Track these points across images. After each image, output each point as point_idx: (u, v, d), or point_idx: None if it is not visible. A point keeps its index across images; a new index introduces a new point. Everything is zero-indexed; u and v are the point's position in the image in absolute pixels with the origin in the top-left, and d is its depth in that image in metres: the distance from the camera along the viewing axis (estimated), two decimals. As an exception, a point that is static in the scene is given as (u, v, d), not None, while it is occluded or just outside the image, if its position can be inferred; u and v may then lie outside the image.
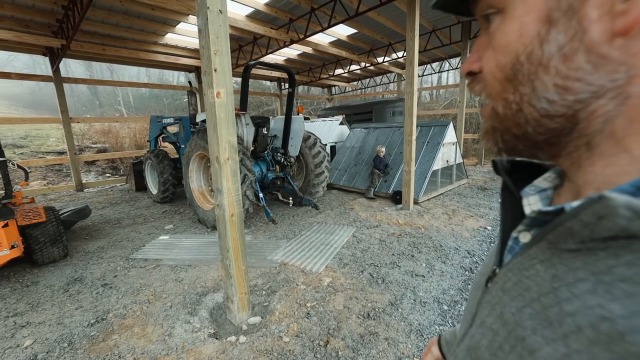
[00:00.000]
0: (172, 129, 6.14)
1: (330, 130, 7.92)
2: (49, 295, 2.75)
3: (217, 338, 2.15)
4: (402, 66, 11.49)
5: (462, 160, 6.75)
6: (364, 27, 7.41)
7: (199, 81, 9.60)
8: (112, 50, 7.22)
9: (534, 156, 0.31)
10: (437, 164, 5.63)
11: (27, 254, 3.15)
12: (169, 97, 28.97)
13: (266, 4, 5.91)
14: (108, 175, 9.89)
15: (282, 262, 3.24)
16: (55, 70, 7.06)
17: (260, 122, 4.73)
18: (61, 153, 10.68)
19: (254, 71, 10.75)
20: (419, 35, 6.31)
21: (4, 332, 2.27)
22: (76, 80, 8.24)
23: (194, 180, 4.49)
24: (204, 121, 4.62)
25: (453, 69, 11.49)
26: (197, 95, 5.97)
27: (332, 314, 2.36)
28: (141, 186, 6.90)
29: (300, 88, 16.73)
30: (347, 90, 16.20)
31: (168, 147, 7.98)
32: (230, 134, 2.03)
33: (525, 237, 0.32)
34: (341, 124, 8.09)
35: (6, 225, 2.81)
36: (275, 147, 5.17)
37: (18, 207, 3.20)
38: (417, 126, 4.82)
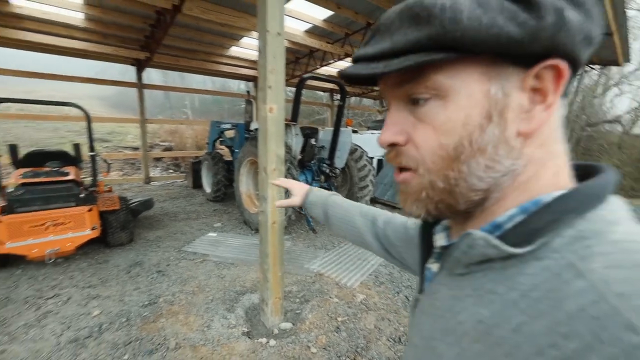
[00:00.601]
0: (229, 134, 6.65)
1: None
2: (115, 274, 3.16)
3: (249, 337, 2.27)
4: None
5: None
6: (420, 41, 7.26)
7: (257, 90, 10.28)
8: (184, 61, 8.12)
9: (452, 216, 0.38)
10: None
11: (102, 236, 3.65)
12: (229, 102, 31.36)
13: (324, 20, 6.15)
14: (171, 171, 11.00)
15: (317, 272, 3.29)
16: (139, 78, 8.16)
17: (310, 133, 4.89)
18: (136, 149, 12.21)
19: (308, 82, 11.15)
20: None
21: (80, 299, 2.67)
22: (154, 87, 9.39)
23: (244, 184, 4.80)
24: (257, 129, 4.94)
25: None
26: (254, 104, 6.39)
27: (362, 332, 2.33)
28: (197, 184, 7.53)
29: (352, 99, 16.89)
30: (398, 103, 15.88)
31: (224, 150, 8.64)
32: (278, 147, 2.16)
33: (435, 267, 0.41)
34: (389, 137, 7.97)
35: (91, 209, 3.31)
36: (322, 157, 5.29)
37: (99, 195, 3.75)
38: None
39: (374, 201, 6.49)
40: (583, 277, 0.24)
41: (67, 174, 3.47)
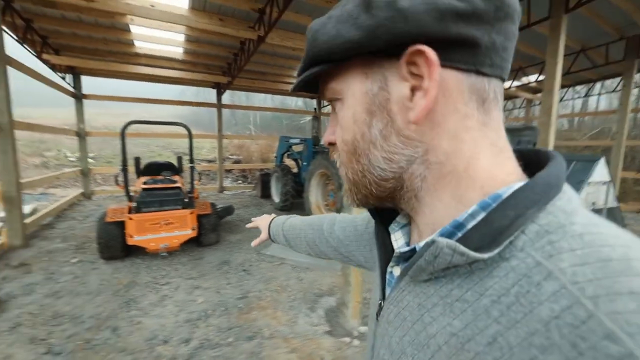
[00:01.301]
0: (297, 148, 7.13)
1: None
2: (209, 269, 3.64)
3: (332, 336, 2.44)
4: (532, 90, 10.12)
5: (617, 204, 5.43)
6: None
7: (319, 107, 10.84)
8: (258, 83, 9.02)
9: (382, 205, 0.39)
10: (580, 206, 4.69)
11: (196, 236, 4.23)
12: (287, 118, 33.27)
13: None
14: (239, 182, 12.05)
15: (389, 282, 3.35)
16: (219, 99, 9.30)
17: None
18: (210, 161, 13.68)
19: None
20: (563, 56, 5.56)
21: (186, 288, 3.15)
22: (231, 106, 10.56)
23: (313, 194, 5.12)
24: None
25: (609, 92, 9.41)
26: (320, 120, 6.79)
27: (443, 344, 2.33)
28: (265, 194, 8.14)
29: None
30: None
31: (289, 162, 9.24)
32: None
33: (397, 271, 0.38)
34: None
35: (192, 212, 3.91)
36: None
37: (196, 201, 4.37)
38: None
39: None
40: (554, 278, 0.22)
41: (175, 181, 4.16)
